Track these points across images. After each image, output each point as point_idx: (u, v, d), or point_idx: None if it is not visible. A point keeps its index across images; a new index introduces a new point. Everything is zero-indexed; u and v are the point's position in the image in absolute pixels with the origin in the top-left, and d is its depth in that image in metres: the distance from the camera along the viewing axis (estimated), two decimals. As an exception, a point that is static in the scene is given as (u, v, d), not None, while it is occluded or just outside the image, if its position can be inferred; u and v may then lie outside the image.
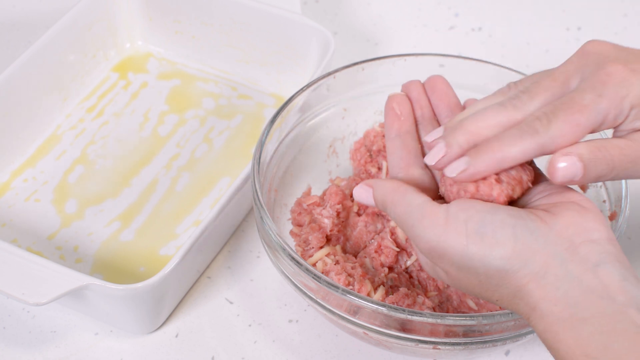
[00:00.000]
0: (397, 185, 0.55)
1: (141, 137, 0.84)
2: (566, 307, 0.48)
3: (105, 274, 0.73)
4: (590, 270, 0.48)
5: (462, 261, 0.51)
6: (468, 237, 0.51)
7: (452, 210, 0.52)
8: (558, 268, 0.49)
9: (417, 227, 0.53)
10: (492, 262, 0.50)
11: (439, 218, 0.52)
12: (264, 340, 0.70)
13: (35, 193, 0.79)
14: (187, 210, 0.78)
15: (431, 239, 0.52)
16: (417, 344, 0.61)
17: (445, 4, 0.98)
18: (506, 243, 0.50)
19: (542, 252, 0.49)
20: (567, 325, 0.48)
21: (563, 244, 0.49)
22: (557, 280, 0.49)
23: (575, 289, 0.48)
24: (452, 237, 0.51)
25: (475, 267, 0.51)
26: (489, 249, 0.50)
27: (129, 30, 0.90)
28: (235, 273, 0.75)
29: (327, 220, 0.69)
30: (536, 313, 0.50)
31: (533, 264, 0.49)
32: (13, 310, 0.72)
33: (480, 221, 0.51)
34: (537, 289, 0.49)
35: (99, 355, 0.69)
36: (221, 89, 0.88)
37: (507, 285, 0.51)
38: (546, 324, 0.49)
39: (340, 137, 0.77)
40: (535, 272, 0.49)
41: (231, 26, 0.87)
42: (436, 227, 0.52)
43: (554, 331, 0.48)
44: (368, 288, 0.65)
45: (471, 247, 0.50)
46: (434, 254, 0.52)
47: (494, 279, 0.51)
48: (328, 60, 0.79)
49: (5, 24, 0.95)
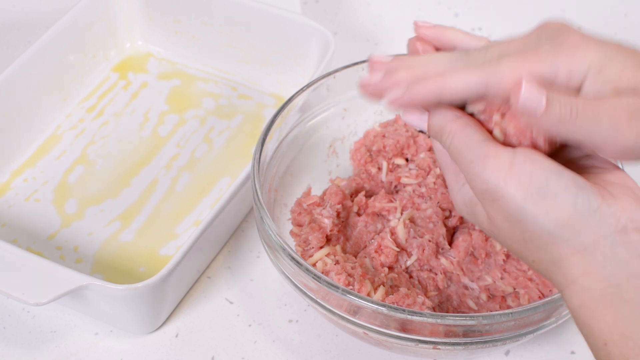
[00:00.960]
0: (459, 114, 0.53)
1: (141, 137, 0.84)
2: (609, 286, 0.48)
3: (105, 274, 0.73)
4: (638, 257, 0.48)
5: (515, 212, 0.50)
6: (529, 191, 0.49)
7: (518, 158, 0.50)
8: (607, 248, 0.48)
9: (477, 164, 0.50)
10: (545, 223, 0.49)
11: (504, 162, 0.50)
12: (264, 340, 0.70)
13: (35, 193, 0.79)
14: (187, 210, 0.78)
15: (491, 180, 0.50)
16: (417, 344, 0.61)
17: (445, 4, 0.98)
18: (564, 208, 0.49)
19: (595, 228, 0.49)
20: (607, 304, 0.48)
21: (617, 226, 0.49)
22: (605, 259, 0.48)
23: (621, 271, 0.48)
24: (513, 185, 0.49)
25: (526, 222, 0.50)
26: (545, 210, 0.49)
27: (129, 30, 0.90)
28: (235, 273, 0.75)
29: (327, 220, 0.69)
30: (574, 287, 0.49)
31: (584, 237, 0.49)
32: (13, 310, 0.72)
33: (545, 179, 0.49)
34: (581, 263, 0.49)
35: (99, 355, 0.69)
36: (221, 89, 0.88)
37: (551, 250, 0.50)
38: (584, 299, 0.48)
39: (340, 137, 0.77)
40: (585, 247, 0.49)
41: (231, 26, 0.87)
42: (499, 170, 0.50)
43: (592, 308, 0.48)
44: (368, 288, 0.65)
45: (528, 203, 0.49)
46: (487, 196, 0.51)
47: (540, 240, 0.50)
48: (328, 60, 0.79)
49: (5, 24, 0.95)
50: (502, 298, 0.67)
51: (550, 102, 0.48)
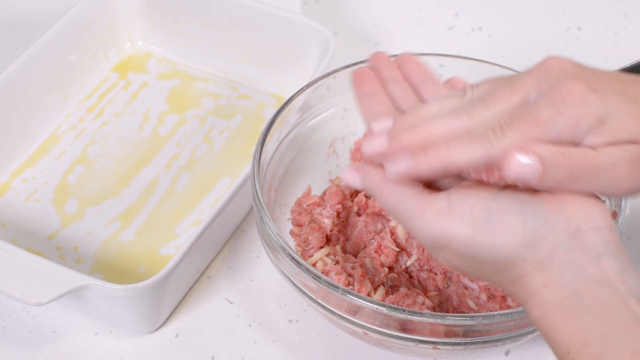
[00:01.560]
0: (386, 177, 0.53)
1: (141, 137, 0.84)
2: (568, 295, 0.48)
3: (105, 274, 0.73)
4: (594, 260, 0.48)
5: (467, 251, 0.50)
6: (475, 225, 0.49)
7: (454, 199, 0.50)
8: (563, 256, 0.49)
9: (416, 218, 0.51)
10: (501, 250, 0.49)
11: (441, 207, 0.50)
12: (264, 340, 0.70)
13: (35, 193, 0.79)
14: (187, 210, 0.78)
15: (434, 230, 0.50)
16: (417, 344, 0.61)
17: (445, 4, 0.98)
18: (515, 230, 0.49)
19: (548, 239, 0.49)
20: (567, 313, 0.48)
21: (569, 230, 0.49)
22: (562, 268, 0.48)
23: (578, 278, 0.48)
24: (456, 227, 0.50)
25: (482, 255, 0.50)
26: (497, 237, 0.49)
27: (129, 30, 0.90)
28: (235, 273, 0.75)
29: (327, 220, 0.69)
30: (535, 299, 0.49)
31: (540, 251, 0.49)
32: (13, 310, 0.72)
33: (487, 208, 0.50)
34: (539, 276, 0.49)
35: (99, 355, 0.69)
36: (221, 89, 0.88)
37: (510, 271, 0.50)
38: (545, 310, 0.49)
39: (340, 137, 0.77)
40: (542, 260, 0.49)
41: (231, 26, 0.87)
42: (439, 218, 0.50)
43: (553, 318, 0.48)
44: (368, 288, 0.65)
45: (478, 236, 0.49)
46: (436, 245, 0.51)
47: (499, 265, 0.50)
48: (328, 60, 0.79)
49: (5, 24, 0.95)
50: (502, 298, 0.67)
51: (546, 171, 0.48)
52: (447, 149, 0.50)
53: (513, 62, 0.89)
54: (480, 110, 0.50)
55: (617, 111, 0.48)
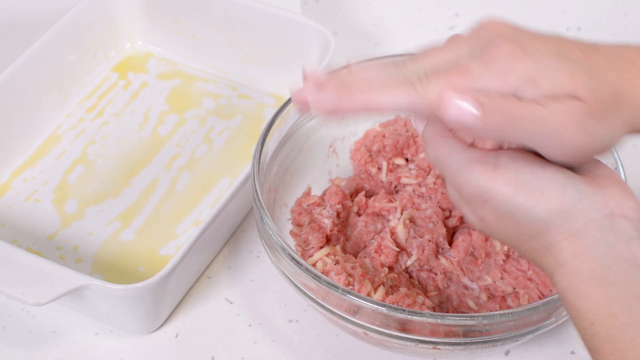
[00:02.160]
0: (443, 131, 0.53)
1: (141, 137, 0.84)
2: (598, 268, 0.49)
3: (105, 274, 0.73)
4: (625, 241, 0.49)
5: (506, 209, 0.51)
6: (517, 186, 0.50)
7: (502, 159, 0.51)
8: (597, 232, 0.50)
9: (464, 170, 0.52)
10: (538, 213, 0.50)
11: (489, 164, 0.51)
12: (264, 340, 0.70)
13: (35, 193, 0.79)
14: (187, 210, 0.78)
15: (479, 183, 0.51)
16: (417, 344, 0.61)
17: (445, 4, 0.98)
18: (554, 197, 0.50)
19: (585, 213, 0.50)
20: (596, 285, 0.49)
21: (604, 212, 0.50)
22: (594, 242, 0.49)
23: (609, 254, 0.49)
24: (501, 184, 0.51)
25: (519, 216, 0.51)
26: (536, 200, 0.50)
27: (129, 30, 0.90)
28: (235, 273, 0.75)
29: (327, 220, 0.69)
30: (564, 269, 0.50)
31: (575, 222, 0.50)
32: (13, 310, 0.72)
33: (531, 173, 0.50)
34: (572, 246, 0.50)
35: (99, 355, 0.69)
36: (221, 89, 0.88)
37: (543, 238, 0.51)
38: (573, 281, 0.49)
39: (340, 137, 0.77)
40: (575, 231, 0.50)
41: (231, 26, 0.87)
42: (485, 173, 0.51)
43: (580, 288, 0.49)
44: (368, 288, 0.65)
45: (519, 197, 0.50)
46: (477, 199, 0.52)
47: (533, 229, 0.51)
48: (328, 60, 0.79)
49: (5, 24, 0.95)
50: (502, 298, 0.67)
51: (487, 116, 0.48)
52: (371, 91, 0.50)
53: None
54: (407, 64, 0.51)
55: (548, 69, 0.49)
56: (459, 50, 0.51)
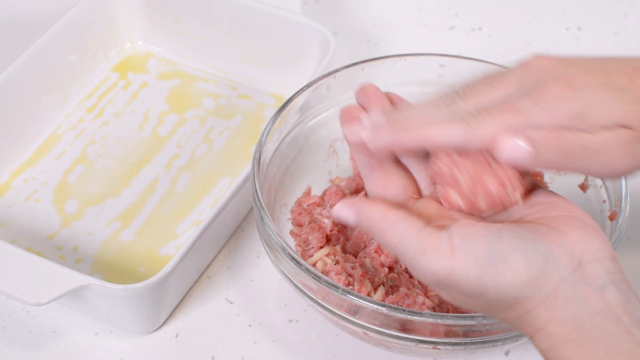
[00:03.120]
0: (385, 211, 0.53)
1: (141, 137, 0.84)
2: (573, 328, 0.48)
3: (105, 274, 0.73)
4: (598, 291, 0.49)
5: (474, 290, 0.50)
6: (479, 267, 0.49)
7: (455, 240, 0.50)
8: (568, 290, 0.49)
9: (419, 259, 0.51)
10: (506, 290, 0.50)
11: (444, 249, 0.50)
12: (264, 340, 0.70)
13: (35, 193, 0.79)
14: (187, 210, 0.78)
15: (439, 271, 0.50)
16: (417, 344, 0.61)
17: (445, 4, 0.98)
18: (520, 269, 0.49)
19: (553, 274, 0.49)
20: (574, 345, 0.48)
21: (572, 264, 0.49)
22: (567, 302, 0.49)
23: (583, 310, 0.48)
24: (461, 268, 0.50)
25: (488, 295, 0.50)
26: (502, 277, 0.49)
27: (129, 30, 0.90)
28: (235, 273, 0.75)
29: (327, 220, 0.69)
30: (542, 333, 0.50)
31: (545, 288, 0.49)
32: (13, 310, 0.72)
33: (490, 249, 0.49)
34: (545, 312, 0.49)
35: (99, 355, 0.69)
36: (221, 89, 0.88)
37: (516, 309, 0.50)
38: (552, 343, 0.49)
39: (340, 137, 0.77)
40: (547, 296, 0.49)
41: (231, 26, 0.87)
42: (443, 260, 0.50)
43: (559, 351, 0.49)
44: (368, 288, 0.65)
45: (484, 277, 0.49)
46: (442, 285, 0.51)
47: (505, 304, 0.51)
48: (328, 60, 0.79)
49: (5, 24, 0.95)
50: (502, 298, 0.67)
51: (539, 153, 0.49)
52: (427, 126, 0.51)
53: (513, 62, 0.89)
54: (459, 103, 0.52)
55: (598, 103, 0.49)
56: (507, 88, 0.51)
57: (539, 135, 0.49)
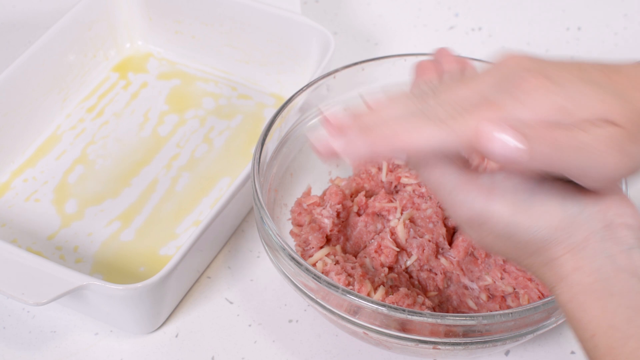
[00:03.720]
0: None
1: (141, 137, 0.84)
2: (598, 280, 0.49)
3: (105, 274, 0.73)
4: (625, 251, 0.49)
5: (505, 229, 0.50)
6: (516, 205, 0.50)
7: (498, 177, 0.51)
8: (597, 244, 0.50)
9: (459, 192, 0.51)
10: (538, 231, 0.50)
11: (484, 184, 0.50)
12: (264, 340, 0.70)
13: (35, 193, 0.79)
14: (187, 210, 0.78)
15: (475, 205, 0.50)
16: (417, 344, 0.61)
17: (445, 4, 0.98)
18: (554, 214, 0.50)
19: (584, 226, 0.50)
20: (596, 297, 0.49)
21: (604, 222, 0.50)
22: (594, 254, 0.49)
23: (609, 265, 0.49)
24: (498, 204, 0.50)
25: (518, 235, 0.50)
26: (536, 218, 0.50)
27: (129, 30, 0.90)
28: (235, 273, 0.75)
29: (327, 220, 0.69)
30: (564, 283, 0.50)
31: (575, 237, 0.50)
32: (13, 310, 0.72)
33: (529, 190, 0.50)
34: (571, 260, 0.50)
35: (99, 355, 0.69)
36: (221, 89, 0.88)
37: (543, 254, 0.51)
38: (574, 293, 0.49)
39: (340, 137, 0.77)
40: (576, 245, 0.50)
41: (231, 26, 0.87)
42: (481, 193, 0.50)
43: (581, 301, 0.49)
44: (368, 288, 0.65)
45: (518, 216, 0.50)
46: (474, 222, 0.51)
47: (533, 246, 0.51)
48: (328, 60, 0.79)
49: (5, 24, 0.95)
50: (502, 298, 0.67)
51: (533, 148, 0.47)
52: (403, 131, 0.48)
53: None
54: (430, 100, 0.49)
55: (579, 96, 0.48)
56: (481, 84, 0.49)
57: (529, 129, 0.47)
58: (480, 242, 0.53)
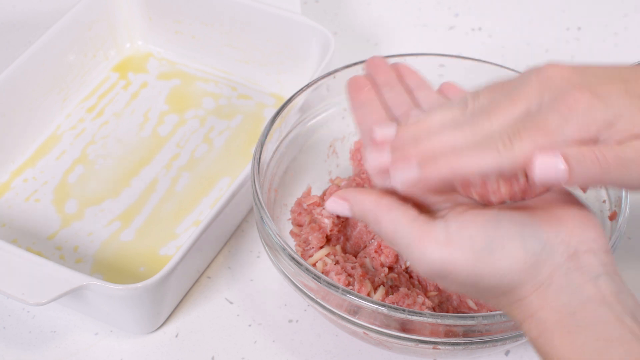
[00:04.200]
0: (378, 200, 0.52)
1: (141, 137, 0.84)
2: (565, 315, 0.48)
3: (105, 274, 0.73)
4: (591, 280, 0.49)
5: (468, 279, 0.50)
6: (476, 254, 0.49)
7: (452, 227, 0.50)
8: (562, 278, 0.49)
9: (414, 248, 0.51)
10: (503, 277, 0.50)
11: (439, 237, 0.50)
12: (264, 340, 0.70)
13: (35, 193, 0.79)
14: (187, 210, 0.78)
15: (434, 260, 0.50)
16: (417, 344, 0.61)
17: (445, 4, 0.98)
18: (516, 256, 0.49)
19: (548, 262, 0.49)
20: (565, 332, 0.48)
21: (567, 252, 0.49)
22: (560, 289, 0.49)
23: (575, 298, 0.49)
24: (457, 256, 0.49)
25: (483, 282, 0.50)
26: (498, 265, 0.49)
27: (129, 30, 0.90)
28: (235, 273, 0.75)
29: (327, 220, 0.69)
30: (532, 319, 0.50)
31: (540, 275, 0.49)
32: (13, 310, 0.72)
33: (486, 237, 0.50)
34: (538, 299, 0.49)
35: (99, 355, 0.69)
36: (221, 89, 0.88)
37: (510, 295, 0.51)
38: (542, 330, 0.49)
39: (340, 137, 0.77)
40: (541, 283, 0.49)
41: (231, 26, 0.87)
42: (439, 248, 0.50)
43: (549, 338, 0.49)
44: (368, 288, 0.65)
45: (480, 265, 0.49)
46: (436, 275, 0.51)
47: (499, 290, 0.51)
48: (328, 60, 0.79)
49: (5, 24, 0.95)
50: (502, 298, 0.67)
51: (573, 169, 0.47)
52: (456, 158, 0.49)
53: (513, 62, 0.89)
54: (483, 123, 0.50)
55: (624, 111, 0.48)
56: (528, 100, 0.49)
57: (573, 151, 0.47)
58: (446, 288, 0.53)
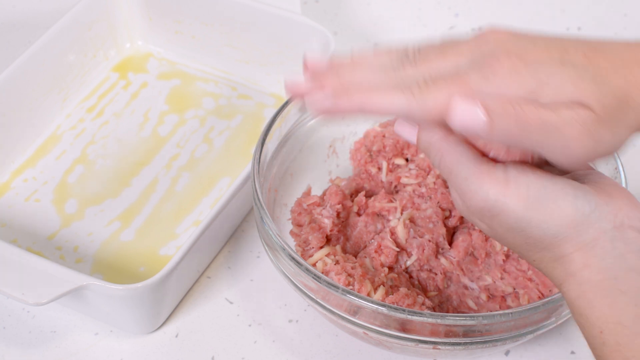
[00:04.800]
0: (446, 134, 0.53)
1: (141, 137, 0.84)
2: (607, 278, 0.49)
3: (105, 274, 0.73)
4: (635, 251, 0.50)
5: (517, 224, 0.51)
6: (529, 201, 0.50)
7: (511, 172, 0.51)
8: (607, 243, 0.50)
9: (473, 181, 0.51)
10: (550, 228, 0.50)
11: (499, 177, 0.51)
12: (264, 340, 0.70)
13: (35, 193, 0.79)
14: (187, 210, 0.78)
15: (489, 197, 0.51)
16: (417, 344, 0.61)
17: (445, 4, 0.98)
18: (566, 211, 0.50)
19: (596, 225, 0.50)
20: (605, 294, 0.49)
21: (615, 222, 0.50)
22: (604, 253, 0.50)
23: (619, 264, 0.49)
24: (512, 199, 0.50)
25: (530, 230, 0.51)
26: (548, 215, 0.50)
27: (129, 30, 0.90)
28: (235, 273, 0.75)
29: (327, 220, 0.69)
30: (573, 279, 0.50)
31: (586, 235, 0.50)
32: (13, 310, 0.72)
33: (542, 187, 0.50)
34: (581, 258, 0.50)
35: (99, 355, 0.69)
36: (221, 89, 0.88)
37: (554, 250, 0.51)
38: (582, 290, 0.50)
39: (340, 137, 0.77)
40: (586, 243, 0.50)
41: (231, 26, 0.87)
42: (496, 186, 0.51)
43: (589, 298, 0.50)
44: (368, 288, 0.65)
45: (531, 212, 0.50)
46: (486, 213, 0.52)
47: (543, 242, 0.51)
48: (328, 60, 0.79)
49: (5, 24, 0.95)
50: (502, 298, 0.67)
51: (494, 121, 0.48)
52: (368, 93, 0.50)
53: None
54: (408, 69, 0.51)
55: (552, 80, 0.48)
56: (459, 58, 0.50)
57: (495, 103, 0.48)
58: (490, 233, 0.53)
